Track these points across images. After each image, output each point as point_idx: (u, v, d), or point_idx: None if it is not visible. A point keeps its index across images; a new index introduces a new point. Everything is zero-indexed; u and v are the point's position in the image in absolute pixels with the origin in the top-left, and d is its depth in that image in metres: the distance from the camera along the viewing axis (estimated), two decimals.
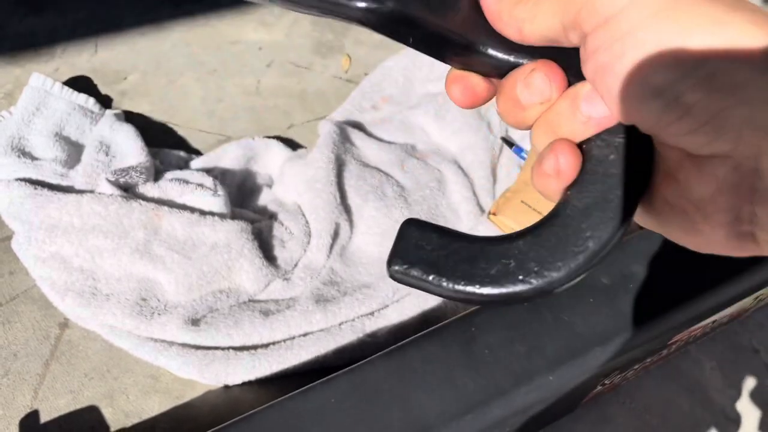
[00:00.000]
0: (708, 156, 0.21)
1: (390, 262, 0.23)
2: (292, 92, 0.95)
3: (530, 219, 0.75)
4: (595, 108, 0.23)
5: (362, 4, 0.23)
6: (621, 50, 0.21)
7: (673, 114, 0.20)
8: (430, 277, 0.23)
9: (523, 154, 0.86)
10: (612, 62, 0.21)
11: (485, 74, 0.26)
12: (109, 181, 0.71)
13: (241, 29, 1.03)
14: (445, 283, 0.23)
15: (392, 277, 0.24)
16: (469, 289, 0.23)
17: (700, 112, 0.20)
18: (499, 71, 0.26)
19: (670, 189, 0.23)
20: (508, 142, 0.87)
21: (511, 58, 0.25)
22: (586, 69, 0.22)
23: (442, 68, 0.94)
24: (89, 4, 1.01)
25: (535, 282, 0.23)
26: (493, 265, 0.23)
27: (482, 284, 0.23)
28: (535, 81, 0.24)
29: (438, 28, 0.25)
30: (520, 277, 0.23)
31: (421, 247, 0.24)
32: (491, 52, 0.25)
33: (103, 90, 0.91)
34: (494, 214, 0.77)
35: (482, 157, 0.85)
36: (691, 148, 0.21)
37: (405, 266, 0.23)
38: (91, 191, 0.72)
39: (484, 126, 0.87)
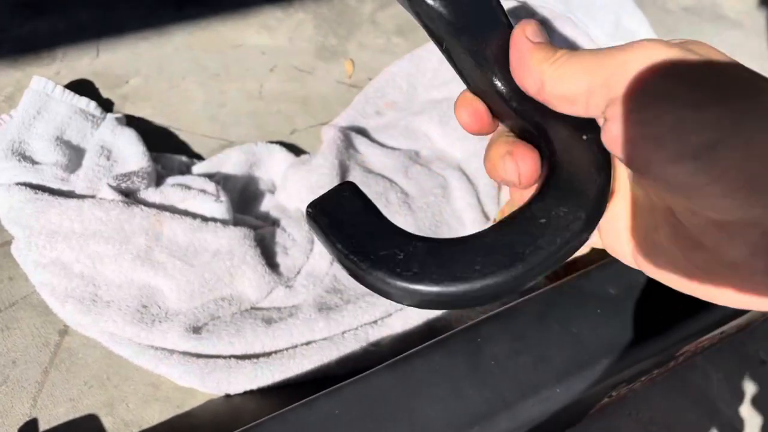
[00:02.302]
0: (736, 222, 0.20)
1: (311, 204, 0.25)
2: (295, 97, 0.94)
3: None
4: None
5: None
6: (655, 111, 0.21)
7: (707, 176, 0.20)
8: (331, 234, 0.24)
9: None
10: (645, 122, 0.21)
11: (491, 109, 0.28)
12: (111, 186, 0.70)
13: (244, 33, 1.02)
14: (339, 246, 0.24)
15: (306, 215, 0.25)
16: (354, 259, 0.23)
17: (736, 175, 0.19)
18: (501, 116, 0.27)
19: (700, 256, 0.23)
20: None
21: (515, 113, 0.26)
22: (612, 131, 0.22)
23: (446, 74, 0.94)
24: (91, 8, 1.00)
25: (403, 278, 0.23)
26: (385, 248, 0.23)
27: (366, 261, 0.23)
28: (508, 166, 0.26)
29: (466, 45, 0.27)
30: (398, 270, 0.23)
31: (342, 206, 0.24)
32: (503, 91, 0.26)
33: (105, 94, 0.90)
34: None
35: None
36: (719, 213, 0.21)
37: (319, 213, 0.24)
38: (92, 196, 0.72)
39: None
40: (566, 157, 0.25)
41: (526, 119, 0.26)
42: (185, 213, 0.71)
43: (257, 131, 0.89)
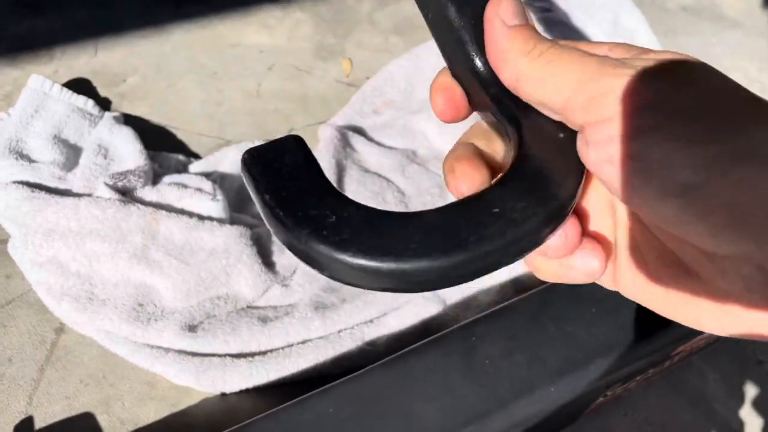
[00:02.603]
0: (728, 255, 0.20)
1: (248, 150, 0.23)
2: (293, 96, 0.94)
3: None
4: None
5: None
6: (644, 143, 0.20)
7: (694, 214, 0.19)
8: (261, 183, 0.22)
9: None
10: (631, 154, 0.20)
11: (468, 95, 0.26)
12: (108, 184, 0.70)
13: (242, 32, 1.02)
14: (266, 197, 0.22)
15: (241, 162, 0.23)
16: (279, 214, 0.21)
17: (724, 214, 0.19)
18: (477, 104, 0.26)
19: (695, 285, 0.21)
20: None
21: (491, 100, 0.25)
22: (591, 154, 0.21)
23: None
24: (89, 6, 1.00)
25: (329, 243, 0.21)
26: (317, 208, 0.21)
27: (292, 218, 0.21)
28: (449, 181, 0.25)
29: (452, 17, 0.25)
30: (325, 233, 0.21)
31: (281, 157, 0.22)
32: (481, 74, 0.25)
33: (103, 92, 0.90)
34: None
35: None
36: (708, 248, 0.20)
37: (255, 160, 0.22)
38: (89, 195, 0.72)
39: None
40: (536, 150, 0.23)
41: (501, 108, 0.25)
42: (182, 212, 0.71)
43: (255, 130, 0.89)
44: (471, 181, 0.24)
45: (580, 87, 0.21)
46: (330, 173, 0.77)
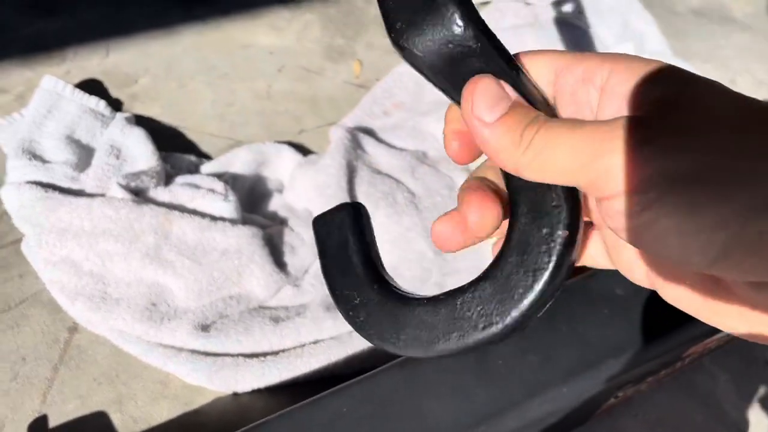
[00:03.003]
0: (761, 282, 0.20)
1: (316, 217, 0.28)
2: (304, 97, 0.95)
3: None
4: None
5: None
6: (652, 216, 0.19)
7: (720, 269, 0.19)
8: (319, 251, 0.27)
9: None
10: (642, 226, 0.20)
11: None
12: (121, 185, 0.70)
13: (252, 34, 1.02)
14: (322, 267, 0.27)
15: (312, 223, 0.28)
16: (327, 283, 0.27)
17: (750, 264, 0.19)
18: None
19: (727, 296, 0.22)
20: None
21: None
22: (606, 221, 0.21)
23: None
24: (101, 7, 1.01)
25: (352, 322, 0.26)
26: (348, 288, 0.26)
27: (333, 291, 0.26)
28: (462, 210, 0.25)
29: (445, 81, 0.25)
30: (351, 313, 0.26)
31: (337, 228, 0.27)
32: None
33: (114, 93, 0.90)
34: None
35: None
36: (743, 279, 0.20)
37: (318, 228, 0.27)
38: (102, 195, 0.72)
39: None
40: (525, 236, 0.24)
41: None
42: (194, 212, 0.71)
43: (265, 131, 0.90)
44: (481, 214, 0.25)
45: (580, 170, 0.21)
46: (341, 174, 0.77)
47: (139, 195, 0.72)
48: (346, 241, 0.26)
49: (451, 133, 0.26)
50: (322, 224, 0.27)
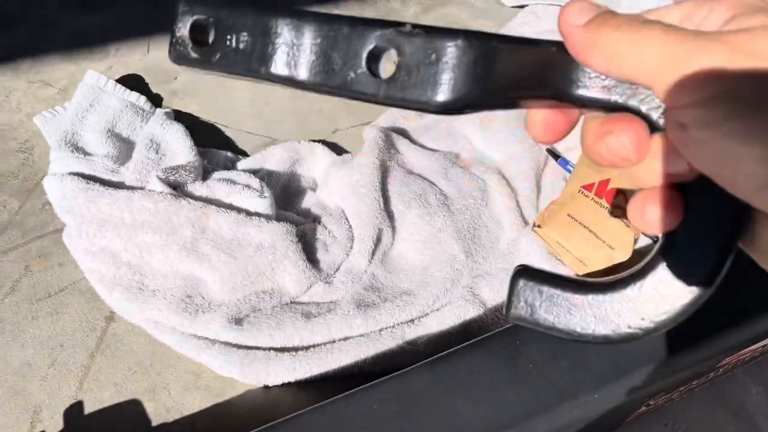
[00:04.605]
0: None
1: (508, 310, 0.27)
2: (335, 100, 0.95)
3: (576, 233, 0.74)
4: (676, 165, 0.23)
5: (441, 99, 0.23)
6: (717, 134, 0.20)
7: None
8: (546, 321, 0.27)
9: (569, 167, 0.85)
10: (709, 146, 0.21)
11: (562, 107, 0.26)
12: (160, 178, 0.72)
13: None
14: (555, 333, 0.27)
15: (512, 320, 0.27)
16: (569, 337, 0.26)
17: None
18: (575, 104, 0.25)
19: None
20: (554, 154, 0.87)
21: (589, 94, 0.24)
22: (675, 135, 0.22)
23: None
24: (142, 4, 1.03)
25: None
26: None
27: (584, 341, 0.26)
28: (612, 143, 0.23)
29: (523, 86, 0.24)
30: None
31: (535, 297, 0.27)
32: (569, 92, 0.24)
33: (155, 89, 0.92)
34: (539, 226, 0.76)
35: (526, 167, 0.84)
36: None
37: (523, 313, 0.27)
38: (141, 188, 0.74)
39: (529, 136, 0.87)
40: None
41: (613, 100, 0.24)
42: (230, 207, 0.73)
43: (300, 129, 0.91)
44: (634, 131, 0.24)
45: (663, 71, 0.21)
46: (375, 174, 0.78)
47: (177, 189, 0.73)
48: (553, 290, 0.27)
49: (534, 123, 0.27)
50: (517, 306, 0.27)
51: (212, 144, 0.86)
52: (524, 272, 0.27)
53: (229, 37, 0.25)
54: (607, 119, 0.24)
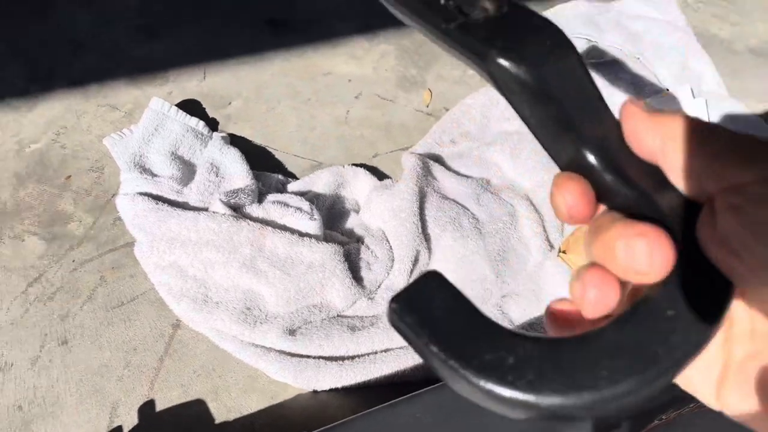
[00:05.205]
0: None
1: (394, 298, 0.22)
2: (378, 123, 1.03)
3: None
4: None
5: (503, 62, 0.23)
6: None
7: None
8: (423, 334, 0.21)
9: None
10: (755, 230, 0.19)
11: (593, 186, 0.24)
12: (222, 201, 0.80)
13: (333, 61, 1.12)
14: (432, 348, 0.21)
15: (389, 313, 0.22)
16: (453, 365, 0.20)
17: None
18: (606, 193, 0.24)
19: None
20: None
21: (624, 187, 0.23)
22: (719, 223, 0.21)
23: None
24: (199, 34, 1.12)
25: (516, 387, 0.20)
26: (491, 351, 0.21)
27: (469, 367, 0.20)
28: (639, 250, 0.21)
29: (568, 115, 0.24)
30: (509, 378, 0.20)
31: (431, 300, 0.22)
32: (610, 171, 0.24)
33: (211, 113, 1.01)
34: (564, 252, 0.83)
35: None
36: None
37: (405, 309, 0.21)
38: (205, 209, 0.82)
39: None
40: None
41: (642, 192, 0.23)
42: (284, 228, 0.81)
43: (343, 154, 0.98)
44: (666, 244, 0.22)
45: (722, 151, 0.21)
46: (413, 200, 0.85)
47: (236, 210, 0.81)
48: (453, 305, 0.22)
49: (564, 188, 0.24)
50: (406, 301, 0.21)
51: (264, 166, 0.94)
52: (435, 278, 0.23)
53: None
54: (636, 222, 0.22)
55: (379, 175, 0.96)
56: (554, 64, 0.23)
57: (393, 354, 0.75)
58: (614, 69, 1.08)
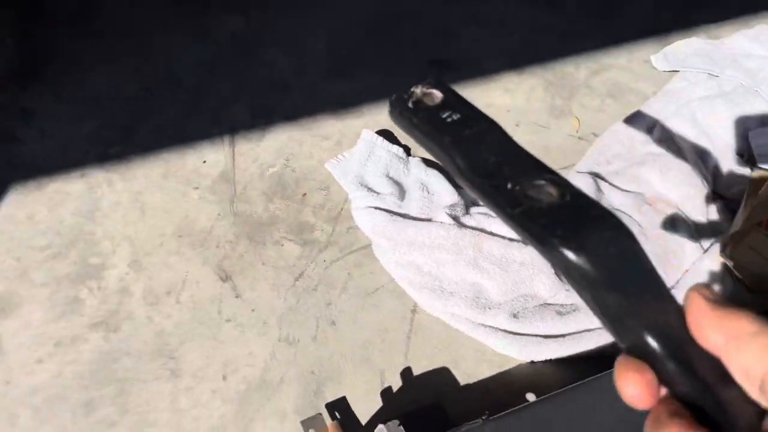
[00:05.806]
0: None
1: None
2: (538, 147, 1.23)
3: (752, 259, 0.99)
4: None
5: (564, 252, 0.23)
6: None
7: None
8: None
9: (732, 205, 1.10)
10: None
11: (655, 371, 0.24)
12: (447, 213, 1.01)
13: (490, 95, 1.32)
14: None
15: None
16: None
17: None
18: (668, 380, 0.24)
19: None
20: (719, 195, 1.12)
21: (686, 377, 0.23)
22: None
23: (658, 134, 1.20)
24: (378, 73, 1.33)
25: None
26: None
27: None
28: None
29: (630, 303, 0.24)
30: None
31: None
32: (673, 359, 0.23)
33: (402, 140, 1.22)
34: (724, 251, 1.02)
35: (699, 206, 1.10)
36: None
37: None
38: (428, 220, 1.03)
39: (700, 181, 1.13)
40: None
41: (700, 386, 0.23)
42: (493, 234, 1.01)
43: None
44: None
45: None
46: None
47: (455, 220, 1.02)
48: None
49: (627, 375, 0.24)
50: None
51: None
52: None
53: (443, 112, 0.28)
54: (690, 425, 0.22)
55: None
56: (614, 253, 0.24)
57: (594, 333, 0.94)
58: (739, 99, 1.27)
